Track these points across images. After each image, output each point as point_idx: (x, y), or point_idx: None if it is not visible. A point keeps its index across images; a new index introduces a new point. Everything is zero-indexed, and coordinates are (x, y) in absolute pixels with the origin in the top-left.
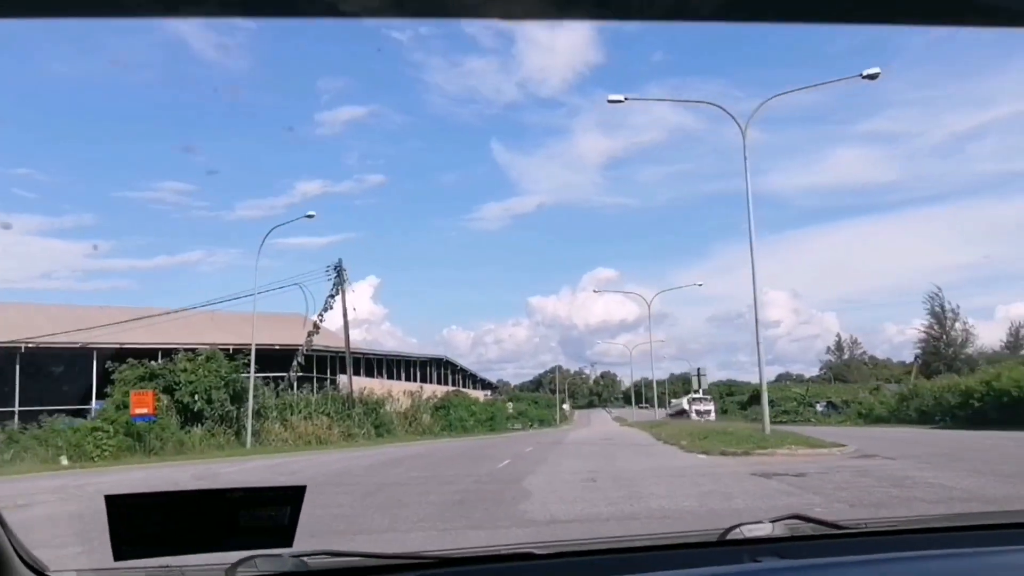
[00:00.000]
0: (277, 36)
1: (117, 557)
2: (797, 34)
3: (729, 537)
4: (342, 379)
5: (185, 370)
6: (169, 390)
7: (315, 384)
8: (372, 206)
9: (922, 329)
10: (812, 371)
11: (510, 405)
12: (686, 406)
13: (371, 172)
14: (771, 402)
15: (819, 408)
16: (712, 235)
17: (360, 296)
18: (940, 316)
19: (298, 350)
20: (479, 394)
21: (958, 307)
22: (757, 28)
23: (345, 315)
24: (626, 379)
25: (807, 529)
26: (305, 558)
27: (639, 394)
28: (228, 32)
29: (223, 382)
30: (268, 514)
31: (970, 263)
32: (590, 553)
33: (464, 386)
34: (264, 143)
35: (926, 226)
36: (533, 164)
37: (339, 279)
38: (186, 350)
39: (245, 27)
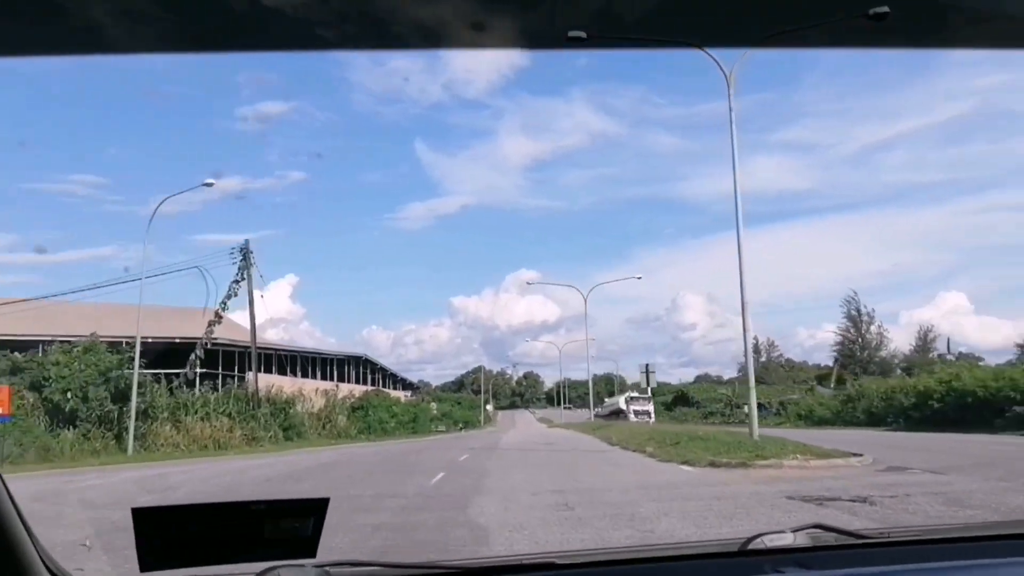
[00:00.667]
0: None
1: (143, 568)
2: None
3: (751, 547)
4: (250, 377)
5: (57, 363)
6: (36, 387)
7: (221, 382)
8: (293, 204)
9: (839, 332)
10: (729, 373)
11: (434, 406)
12: (623, 406)
13: (292, 169)
14: (697, 403)
15: (746, 409)
16: (633, 239)
17: (278, 295)
18: (856, 320)
19: (197, 343)
20: (400, 394)
21: (873, 311)
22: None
23: (251, 302)
24: (548, 380)
25: (829, 539)
26: (328, 568)
27: (562, 395)
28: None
29: (103, 377)
30: (292, 525)
31: (879, 270)
32: (611, 563)
33: (385, 386)
34: (182, 137)
35: (839, 233)
36: (457, 165)
37: (245, 263)
38: (61, 341)
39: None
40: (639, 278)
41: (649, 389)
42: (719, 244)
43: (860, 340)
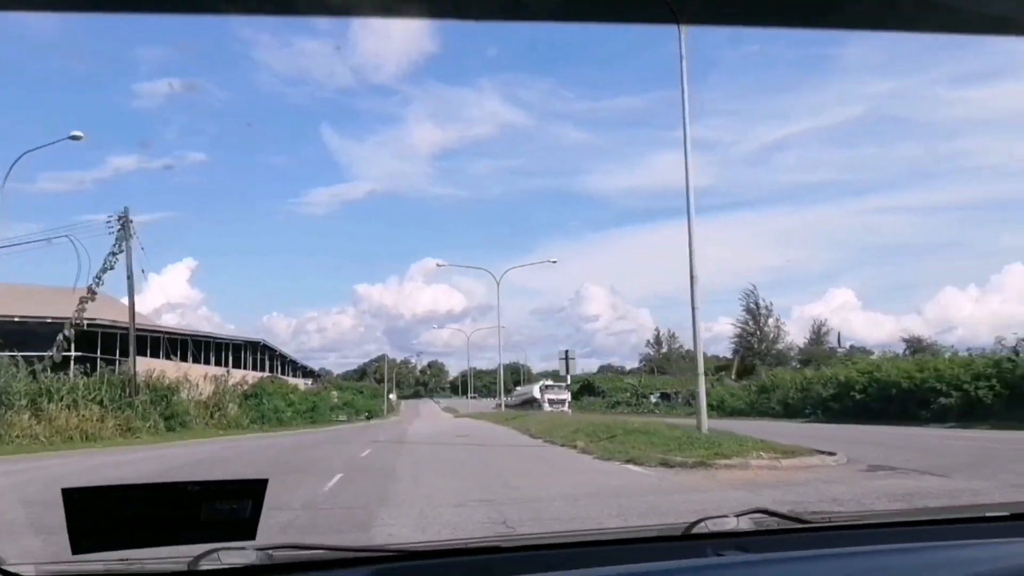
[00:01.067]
0: None
1: (75, 550)
2: (626, 38)
3: (694, 531)
4: (141, 361)
5: None
6: None
7: (98, 366)
8: (192, 185)
9: (737, 324)
10: (630, 363)
11: (335, 395)
12: (537, 395)
13: (192, 149)
14: (603, 392)
15: (653, 399)
16: (539, 231)
17: (175, 279)
18: (755, 312)
19: (66, 323)
20: (300, 382)
21: (771, 304)
22: (588, 32)
23: (130, 276)
24: (453, 369)
25: (772, 523)
26: (270, 551)
27: (468, 384)
28: None
29: None
30: (229, 507)
31: (773, 266)
32: (556, 547)
33: (284, 373)
34: (73, 112)
35: (735, 230)
36: (364, 150)
37: (124, 232)
38: None
39: None
40: (554, 262)
41: (568, 377)
42: (622, 238)
43: (759, 333)
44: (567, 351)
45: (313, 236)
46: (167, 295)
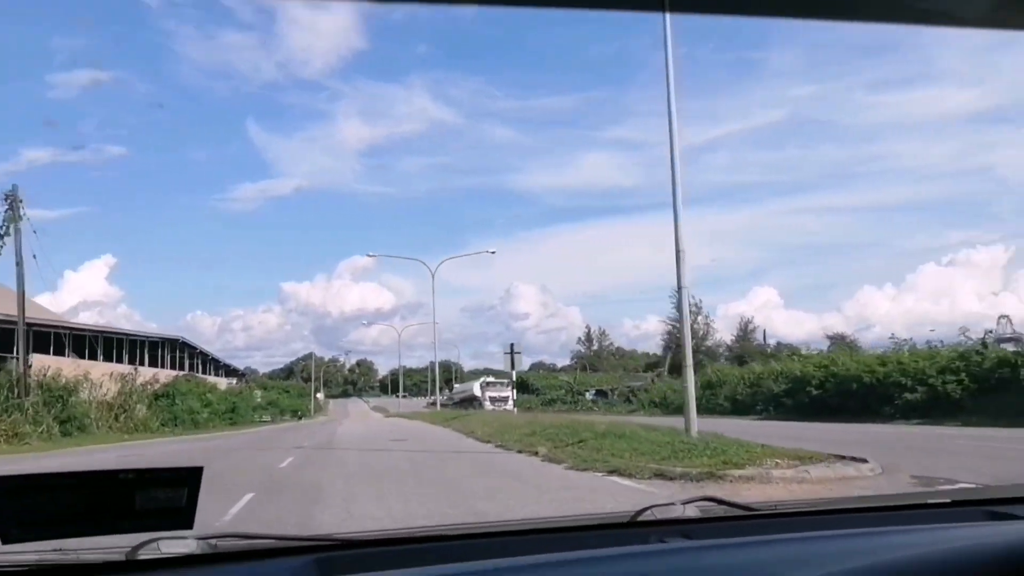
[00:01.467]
0: None
1: (5, 540)
2: (556, 39)
3: (640, 519)
4: (36, 358)
5: None
6: None
7: None
8: (111, 179)
9: (668, 322)
10: (561, 361)
11: (259, 394)
12: (478, 392)
13: (111, 143)
14: (536, 390)
15: (589, 396)
16: (468, 229)
17: (93, 276)
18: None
19: None
20: (223, 381)
21: (700, 302)
22: (518, 31)
23: (19, 263)
24: (382, 368)
25: (719, 511)
26: (212, 540)
27: (399, 383)
28: None
29: None
30: (165, 495)
31: (699, 265)
32: (501, 535)
33: (206, 372)
34: None
35: (662, 230)
36: (292, 146)
37: (12, 212)
38: None
39: None
40: (492, 252)
41: (514, 373)
42: (551, 236)
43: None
44: (512, 345)
45: (239, 232)
46: (84, 292)
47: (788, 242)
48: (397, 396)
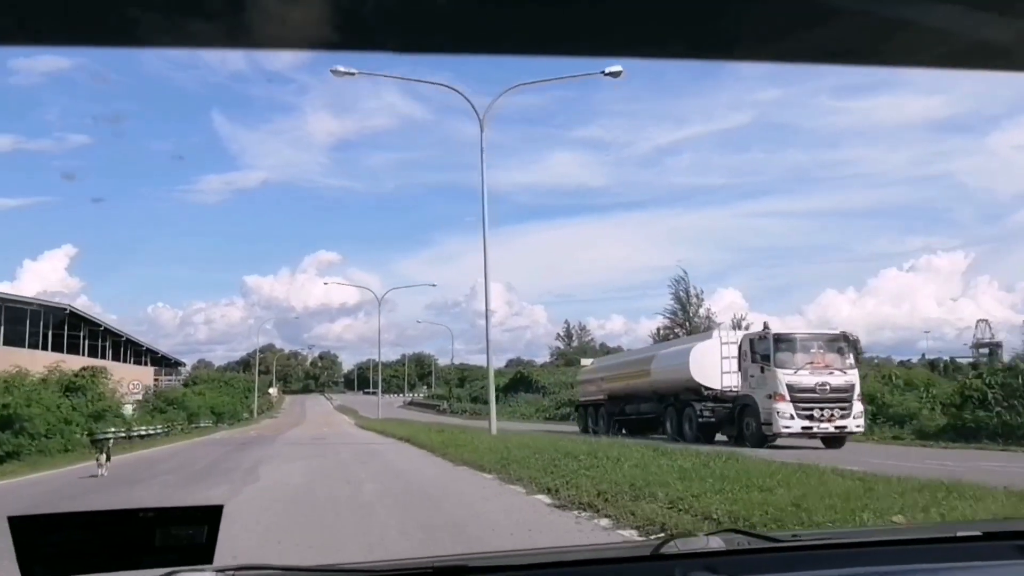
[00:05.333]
0: None
1: None
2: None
3: (663, 551)
4: None
5: None
6: None
7: None
8: (73, 168)
9: (666, 315)
10: (536, 359)
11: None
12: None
13: (74, 131)
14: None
15: None
16: (434, 225)
17: (52, 266)
18: (684, 301)
19: None
20: (144, 371)
21: (702, 292)
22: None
23: None
24: (347, 363)
25: (744, 543)
26: (230, 572)
27: (365, 379)
28: None
29: None
30: (185, 533)
31: (663, 265)
32: (525, 568)
33: (119, 358)
34: None
35: (629, 229)
36: (258, 139)
37: None
38: None
39: None
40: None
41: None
42: (517, 235)
43: (688, 324)
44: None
45: (202, 224)
46: (44, 282)
47: (752, 244)
48: (365, 392)
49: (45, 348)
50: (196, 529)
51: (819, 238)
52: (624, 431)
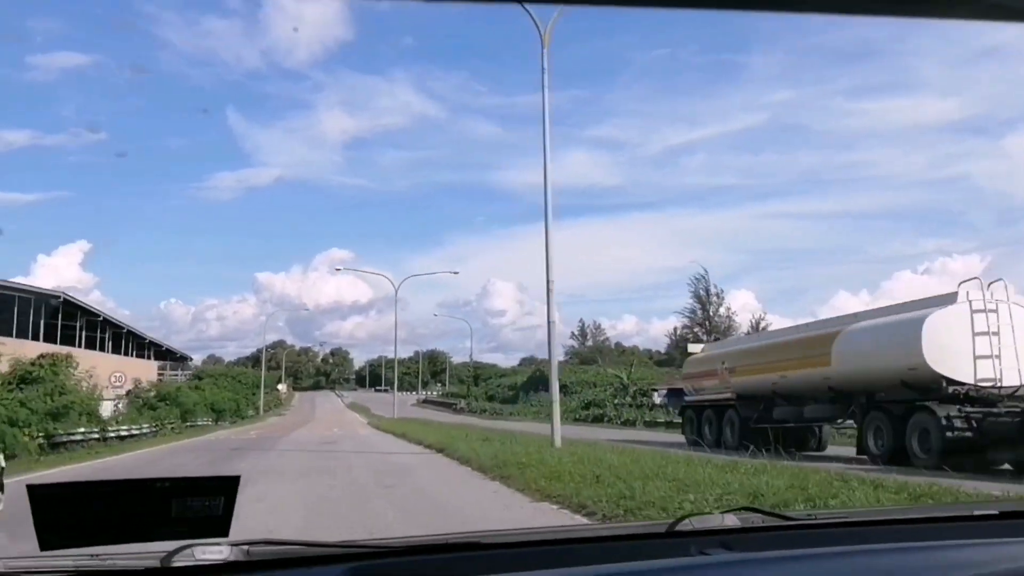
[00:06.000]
0: None
1: (44, 547)
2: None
3: (678, 528)
4: None
5: None
6: None
7: None
8: (89, 164)
9: (686, 314)
10: (546, 356)
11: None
12: None
13: (90, 127)
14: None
15: (657, 398)
16: (447, 224)
17: (67, 261)
18: (704, 300)
19: None
20: (146, 364)
21: (722, 291)
22: (500, 25)
23: None
24: (359, 359)
25: (758, 521)
26: (245, 547)
27: (376, 376)
28: None
29: None
30: (202, 504)
31: (676, 266)
32: (536, 544)
33: (120, 350)
34: None
35: (642, 230)
36: (272, 136)
37: None
38: None
39: None
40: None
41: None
42: (529, 234)
43: (707, 323)
44: None
45: (216, 221)
46: (58, 277)
47: (765, 246)
48: (377, 389)
49: (36, 338)
50: (212, 501)
51: (832, 240)
52: (769, 446)
